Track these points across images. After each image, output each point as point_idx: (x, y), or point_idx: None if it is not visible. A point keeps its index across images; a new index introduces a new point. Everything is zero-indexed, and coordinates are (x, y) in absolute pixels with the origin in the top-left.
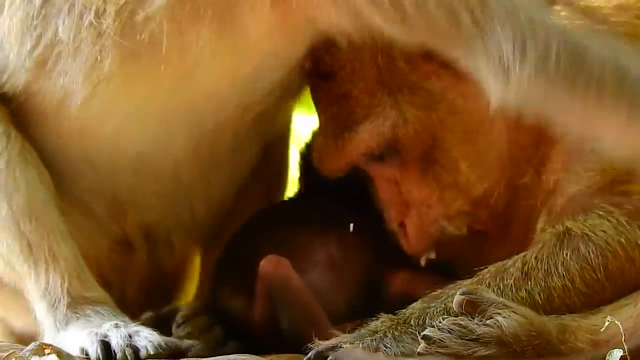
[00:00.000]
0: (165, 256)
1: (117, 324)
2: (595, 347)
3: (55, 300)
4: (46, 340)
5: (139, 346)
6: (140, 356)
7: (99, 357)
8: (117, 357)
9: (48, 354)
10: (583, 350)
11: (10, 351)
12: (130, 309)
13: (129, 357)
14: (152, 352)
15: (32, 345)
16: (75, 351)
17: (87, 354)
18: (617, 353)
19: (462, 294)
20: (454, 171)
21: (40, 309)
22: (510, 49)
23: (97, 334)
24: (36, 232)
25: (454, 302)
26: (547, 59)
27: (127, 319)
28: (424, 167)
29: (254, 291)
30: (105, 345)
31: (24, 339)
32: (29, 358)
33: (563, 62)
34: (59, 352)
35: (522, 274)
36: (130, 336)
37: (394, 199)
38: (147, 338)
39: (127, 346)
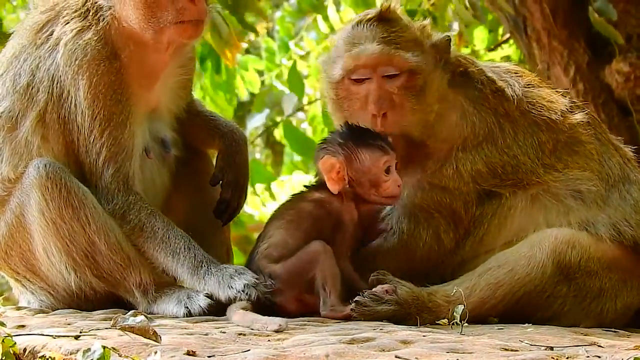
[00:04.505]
0: None
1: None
2: (448, 304)
3: (146, 287)
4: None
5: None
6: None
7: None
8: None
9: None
10: (441, 305)
11: (117, 315)
12: None
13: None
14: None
15: (130, 313)
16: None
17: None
18: (460, 307)
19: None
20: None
21: (137, 294)
22: None
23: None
24: (133, 249)
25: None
26: None
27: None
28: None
29: None
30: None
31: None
32: (127, 318)
33: None
34: (146, 316)
35: None
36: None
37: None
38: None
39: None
